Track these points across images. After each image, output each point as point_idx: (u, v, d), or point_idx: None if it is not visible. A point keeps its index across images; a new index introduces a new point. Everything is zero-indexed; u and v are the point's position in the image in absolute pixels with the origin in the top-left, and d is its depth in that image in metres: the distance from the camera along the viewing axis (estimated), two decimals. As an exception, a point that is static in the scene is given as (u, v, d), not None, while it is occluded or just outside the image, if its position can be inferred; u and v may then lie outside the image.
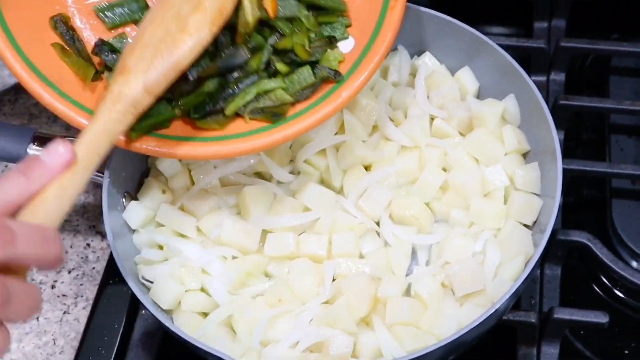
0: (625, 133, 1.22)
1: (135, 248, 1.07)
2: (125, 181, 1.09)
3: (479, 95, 1.15)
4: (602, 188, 1.18)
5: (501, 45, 1.11)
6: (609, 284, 1.13)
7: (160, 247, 1.06)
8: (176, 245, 1.04)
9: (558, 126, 1.05)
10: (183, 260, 1.03)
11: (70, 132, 1.28)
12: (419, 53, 1.17)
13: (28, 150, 1.10)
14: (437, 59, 1.16)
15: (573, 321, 1.02)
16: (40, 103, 0.98)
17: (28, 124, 1.32)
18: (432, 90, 1.12)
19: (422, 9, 1.14)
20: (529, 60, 1.25)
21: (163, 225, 1.06)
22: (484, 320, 0.91)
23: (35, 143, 1.11)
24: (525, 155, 1.10)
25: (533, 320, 1.03)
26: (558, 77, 1.26)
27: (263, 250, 1.04)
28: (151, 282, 1.03)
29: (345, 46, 1.03)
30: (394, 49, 1.16)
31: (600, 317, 1.01)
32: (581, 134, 1.26)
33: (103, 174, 1.05)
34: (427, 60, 1.15)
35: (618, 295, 1.13)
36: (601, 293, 1.13)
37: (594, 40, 1.24)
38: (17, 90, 1.36)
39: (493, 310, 0.92)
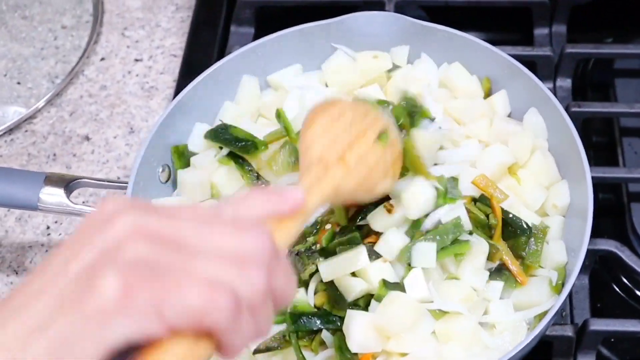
0: (637, 135, 1.22)
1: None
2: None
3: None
4: (618, 192, 1.18)
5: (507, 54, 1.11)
6: (633, 288, 1.13)
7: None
8: None
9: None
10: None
11: (71, 170, 1.27)
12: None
13: (40, 195, 1.08)
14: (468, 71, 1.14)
15: (610, 332, 1.02)
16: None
17: (27, 165, 1.29)
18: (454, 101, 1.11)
19: (452, 30, 1.13)
20: (532, 68, 1.24)
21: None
22: (526, 344, 0.91)
23: (47, 186, 1.08)
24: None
25: (570, 334, 1.02)
26: (564, 83, 1.26)
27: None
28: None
29: None
30: (417, 57, 1.15)
31: (637, 326, 1.01)
32: (590, 138, 1.25)
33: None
34: (455, 70, 1.13)
35: (645, 299, 1.13)
36: (627, 298, 1.13)
37: (598, 44, 1.24)
38: (12, 130, 1.32)
39: (536, 333, 0.91)
